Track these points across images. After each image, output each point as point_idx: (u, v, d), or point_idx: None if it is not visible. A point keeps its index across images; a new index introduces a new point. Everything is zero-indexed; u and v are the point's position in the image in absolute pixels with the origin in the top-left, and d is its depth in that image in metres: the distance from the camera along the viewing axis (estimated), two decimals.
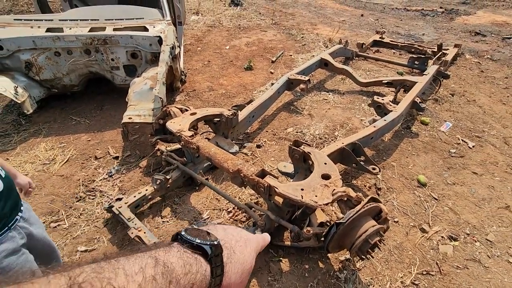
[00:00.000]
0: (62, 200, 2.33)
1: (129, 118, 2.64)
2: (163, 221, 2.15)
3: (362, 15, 7.51)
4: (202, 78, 4.28)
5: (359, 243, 1.52)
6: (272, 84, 3.39)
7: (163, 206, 2.27)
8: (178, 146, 2.73)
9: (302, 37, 5.93)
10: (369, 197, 1.61)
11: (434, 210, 2.30)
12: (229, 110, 2.50)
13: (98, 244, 1.99)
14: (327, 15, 7.53)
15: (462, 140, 3.11)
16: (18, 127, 3.21)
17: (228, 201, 2.21)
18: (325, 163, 1.85)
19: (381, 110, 2.92)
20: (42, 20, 3.13)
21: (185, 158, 2.41)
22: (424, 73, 3.67)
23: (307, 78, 3.41)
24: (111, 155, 2.85)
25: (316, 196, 1.60)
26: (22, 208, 1.21)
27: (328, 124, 3.26)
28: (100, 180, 2.55)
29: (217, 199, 2.33)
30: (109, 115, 3.47)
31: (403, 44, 5.17)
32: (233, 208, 2.21)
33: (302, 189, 1.66)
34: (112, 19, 3.27)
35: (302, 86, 3.39)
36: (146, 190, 2.14)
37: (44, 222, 2.13)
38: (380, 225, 1.57)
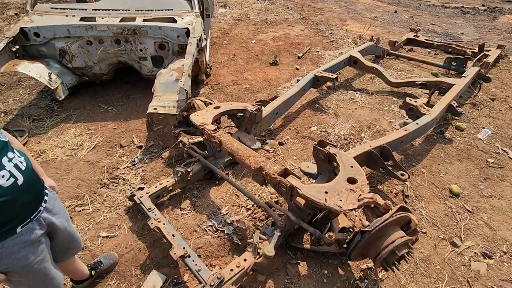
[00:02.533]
0: (87, 186, 2.40)
1: (154, 109, 2.66)
2: (182, 213, 2.15)
3: (395, 12, 7.15)
4: (226, 72, 4.26)
5: (385, 254, 1.43)
6: (298, 80, 3.30)
7: (182, 198, 2.28)
8: (200, 139, 2.73)
9: (331, 33, 5.74)
10: (398, 206, 1.51)
11: (467, 223, 2.14)
12: (253, 105, 2.45)
13: (119, 231, 2.03)
14: (358, 11, 7.24)
15: (502, 149, 2.87)
16: (50, 112, 3.35)
17: (247, 198, 2.18)
18: (351, 166, 1.76)
19: (413, 113, 2.75)
20: (76, 9, 3.22)
21: (206, 152, 2.40)
22: (463, 75, 3.42)
23: (334, 75, 3.28)
24: (135, 144, 2.90)
25: (340, 200, 1.53)
26: (46, 198, 1.22)
27: (354, 125, 3.13)
28: (124, 168, 2.60)
29: (236, 195, 2.30)
30: (135, 104, 3.53)
31: (439, 43, 4.86)
32: (252, 206, 2.18)
33: (326, 192, 1.58)
34: (142, 10, 3.31)
35: (329, 84, 3.28)
36: (167, 181, 2.15)
37: (69, 206, 2.21)
38: (409, 237, 1.47)
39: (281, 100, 2.83)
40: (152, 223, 1.79)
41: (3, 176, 1.01)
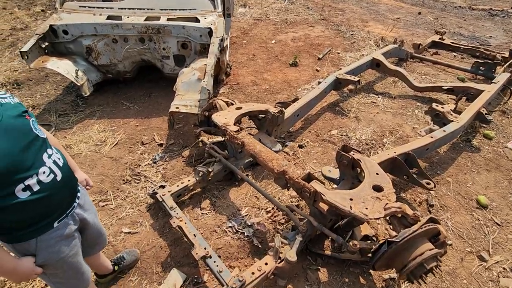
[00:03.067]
0: (111, 181, 2.45)
1: (176, 108, 2.69)
2: (202, 213, 2.17)
3: (419, 13, 6.95)
4: (246, 72, 4.26)
5: (413, 266, 1.39)
6: (319, 82, 3.26)
7: (202, 198, 2.30)
8: (220, 138, 2.74)
9: (352, 34, 5.64)
10: (427, 217, 1.46)
11: (496, 237, 2.05)
12: (275, 107, 2.44)
13: (141, 228, 2.07)
14: (380, 12, 7.08)
15: None
16: (75, 108, 3.45)
17: (267, 201, 2.17)
18: (377, 173, 1.72)
19: (440, 120, 2.66)
20: (103, 7, 3.30)
21: (227, 152, 2.40)
22: (493, 81, 3.28)
23: (356, 78, 3.22)
24: (156, 142, 2.94)
25: (366, 208, 1.49)
26: (78, 194, 1.25)
27: (376, 130, 3.06)
28: (145, 165, 2.65)
29: (256, 197, 2.30)
30: (156, 102, 3.59)
31: (466, 47, 4.69)
32: (272, 208, 2.17)
33: (351, 199, 1.55)
34: (167, 9, 3.35)
35: (351, 86, 3.22)
36: (189, 180, 2.17)
37: (94, 200, 2.27)
38: (438, 250, 1.42)
39: (302, 102, 2.80)
40: (174, 222, 1.81)
41: (44, 172, 1.04)
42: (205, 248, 1.67)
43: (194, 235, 1.76)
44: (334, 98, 3.64)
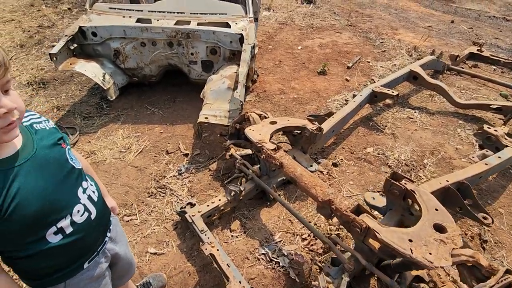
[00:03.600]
0: (135, 194, 2.34)
1: (205, 118, 2.56)
2: (232, 235, 2.02)
3: (452, 22, 6.63)
4: (273, 79, 4.11)
5: None
6: (354, 95, 3.06)
7: (232, 217, 2.15)
8: (248, 151, 2.60)
9: (382, 42, 5.40)
10: (504, 269, 1.26)
11: None
12: (312, 123, 2.27)
13: (167, 249, 1.94)
14: (410, 19, 6.79)
15: None
16: (100, 111, 3.38)
17: (303, 225, 2.01)
18: (436, 209, 1.53)
19: (492, 143, 2.43)
20: (133, 10, 3.21)
21: (259, 169, 2.25)
22: None
23: (395, 93, 3.01)
24: (181, 151, 2.83)
25: (430, 254, 1.30)
26: (110, 227, 1.11)
27: (416, 149, 2.84)
28: (171, 177, 2.53)
29: (290, 220, 2.13)
30: (181, 108, 3.48)
31: (506, 61, 4.38)
32: (309, 235, 2.00)
33: (410, 240, 1.37)
34: (197, 13, 3.23)
35: (388, 101, 3.01)
36: (219, 200, 2.03)
37: (118, 214, 2.16)
38: None
39: (338, 117, 2.62)
40: (206, 249, 1.67)
41: (78, 211, 0.90)
42: (240, 282, 1.52)
43: (228, 264, 1.61)
44: (367, 111, 3.44)
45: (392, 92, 3.01)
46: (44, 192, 0.81)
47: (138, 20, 3.11)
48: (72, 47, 2.99)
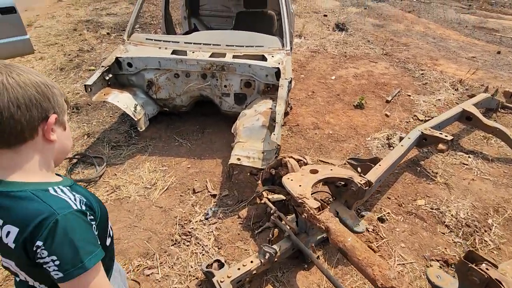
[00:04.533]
0: (158, 241, 2.15)
1: (237, 159, 2.37)
2: None
3: (498, 52, 6.18)
4: (306, 112, 3.90)
5: None
6: (401, 138, 2.76)
7: (264, 281, 1.88)
8: (281, 196, 2.36)
9: (422, 74, 5.08)
10: None
11: None
12: (360, 175, 2.00)
13: None
14: (451, 49, 6.43)
15: None
16: (128, 140, 3.31)
17: None
18: None
19: None
20: (169, 41, 3.18)
21: (296, 226, 1.99)
22: None
23: (449, 137, 2.68)
24: (209, 192, 2.63)
25: None
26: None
27: (476, 204, 2.46)
28: (196, 222, 2.32)
29: None
30: (209, 140, 3.33)
31: None
32: None
33: None
34: (233, 45, 3.14)
35: (442, 147, 2.67)
36: (251, 262, 1.78)
37: (138, 266, 1.96)
38: None
39: (386, 166, 2.32)
40: None
41: None
42: None
43: None
44: (412, 153, 3.10)
45: (446, 136, 2.68)
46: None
47: (174, 52, 3.06)
48: (107, 78, 2.97)
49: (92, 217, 0.75)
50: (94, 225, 0.75)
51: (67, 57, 5.54)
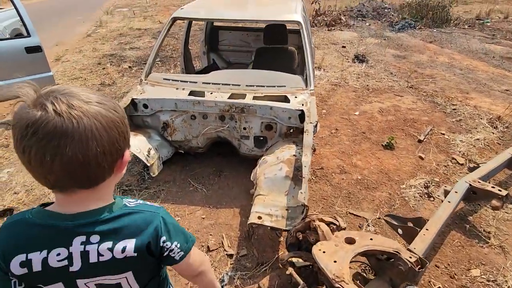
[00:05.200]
0: None
1: (258, 218, 2.08)
2: None
3: None
4: (330, 152, 3.61)
5: None
6: (446, 191, 2.40)
7: None
8: (308, 263, 2.02)
9: (454, 109, 4.73)
10: None
11: None
12: (408, 250, 1.65)
13: None
14: (481, 81, 6.07)
15: None
16: (141, 183, 3.12)
17: None
18: None
19: None
20: (187, 81, 3.06)
21: None
22: None
23: (504, 192, 2.29)
24: (225, 250, 2.34)
25: None
26: None
27: None
28: None
29: None
30: (226, 185, 3.08)
31: None
32: None
33: None
34: (253, 86, 2.97)
35: (496, 203, 2.29)
36: None
37: None
38: None
39: (435, 230, 1.96)
40: None
41: None
42: None
43: None
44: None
45: (499, 190, 2.30)
46: None
47: (191, 93, 2.92)
48: None
49: None
50: None
51: None
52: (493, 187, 2.33)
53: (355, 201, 2.83)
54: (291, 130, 2.83)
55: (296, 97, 2.87)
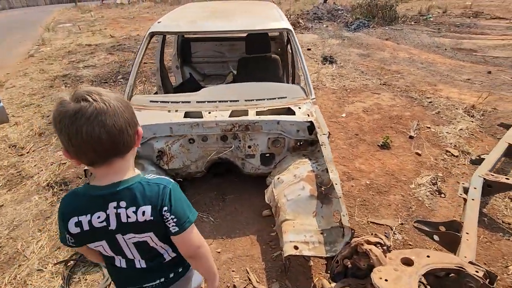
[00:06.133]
0: None
1: (295, 248, 1.87)
2: None
3: (489, 72, 6.31)
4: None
5: None
6: (465, 189, 2.40)
7: None
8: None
9: (430, 102, 4.96)
10: None
11: None
12: (471, 263, 1.56)
13: None
14: (443, 73, 6.51)
15: None
16: None
17: None
18: None
19: None
20: (179, 102, 2.74)
21: None
22: None
23: None
24: (254, 287, 2.08)
25: None
26: None
27: None
28: None
29: None
30: (234, 210, 2.82)
31: None
32: None
33: None
34: (253, 100, 2.76)
35: None
36: None
37: None
38: None
39: (474, 232, 1.92)
40: None
41: None
42: None
43: None
44: None
45: None
46: None
47: (187, 114, 2.62)
48: None
49: None
50: None
51: (45, 119, 4.95)
52: (507, 178, 2.39)
53: (372, 208, 2.75)
54: (300, 143, 2.67)
55: (300, 108, 2.72)
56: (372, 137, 3.94)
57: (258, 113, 2.62)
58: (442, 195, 2.82)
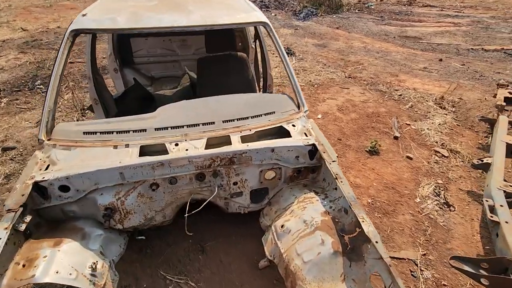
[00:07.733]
0: None
1: None
2: None
3: (440, 60, 6.50)
4: None
5: None
6: (490, 207, 2.09)
7: None
8: None
9: (400, 95, 4.81)
10: None
11: None
12: None
13: None
14: (399, 62, 6.52)
15: None
16: None
17: None
18: None
19: None
20: (128, 131, 1.91)
21: None
22: None
23: None
24: None
25: None
26: None
27: None
28: None
29: None
30: (221, 266, 2.16)
31: None
32: None
33: None
34: (233, 119, 2.06)
35: None
36: None
37: None
38: None
39: None
40: None
41: None
42: None
43: None
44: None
45: None
46: None
47: (143, 150, 1.82)
48: (22, 227, 1.55)
49: None
50: None
51: None
52: None
53: (386, 237, 2.33)
54: (299, 172, 2.09)
55: (294, 125, 2.12)
56: (356, 141, 3.57)
57: (243, 139, 1.95)
58: (452, 208, 2.54)
